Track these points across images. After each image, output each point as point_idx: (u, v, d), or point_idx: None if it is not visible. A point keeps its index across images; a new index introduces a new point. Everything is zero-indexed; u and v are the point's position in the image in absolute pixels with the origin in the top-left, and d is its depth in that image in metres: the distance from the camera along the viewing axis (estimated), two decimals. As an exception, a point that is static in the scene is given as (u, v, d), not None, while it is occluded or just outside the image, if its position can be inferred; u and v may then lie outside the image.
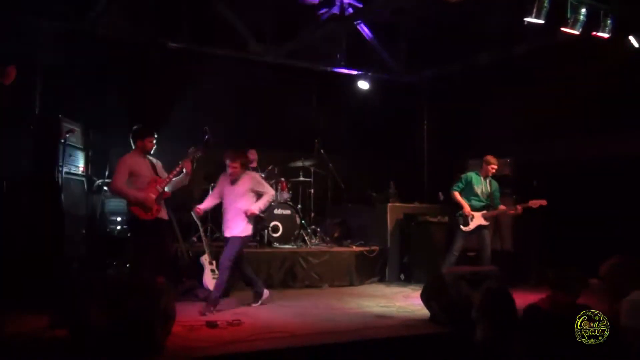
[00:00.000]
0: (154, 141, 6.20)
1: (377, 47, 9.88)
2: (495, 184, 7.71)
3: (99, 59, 8.19)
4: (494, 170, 7.60)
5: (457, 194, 7.64)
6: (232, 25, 8.67)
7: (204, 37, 8.67)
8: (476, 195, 7.61)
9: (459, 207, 7.59)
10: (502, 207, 7.57)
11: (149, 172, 6.17)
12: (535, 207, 7.37)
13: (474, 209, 7.55)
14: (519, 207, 7.40)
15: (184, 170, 6.25)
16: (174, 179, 6.20)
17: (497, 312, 4.02)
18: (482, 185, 7.63)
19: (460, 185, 7.67)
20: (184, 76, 9.18)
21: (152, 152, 6.25)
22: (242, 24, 8.77)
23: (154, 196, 6.02)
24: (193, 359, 4.33)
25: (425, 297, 5.96)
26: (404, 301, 7.10)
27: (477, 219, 7.52)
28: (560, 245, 8.24)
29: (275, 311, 6.24)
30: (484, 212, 7.53)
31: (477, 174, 7.68)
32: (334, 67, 9.87)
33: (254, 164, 9.41)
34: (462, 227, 7.52)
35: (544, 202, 7.38)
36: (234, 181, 6.46)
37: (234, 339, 4.86)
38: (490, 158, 7.61)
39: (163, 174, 6.33)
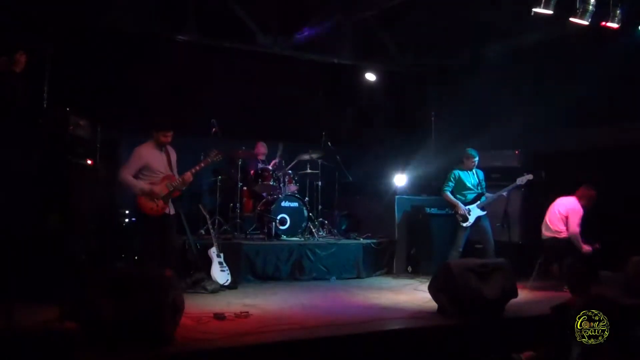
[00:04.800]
0: (169, 136, 6.19)
1: (385, 38, 9.84)
2: (481, 172, 7.86)
3: (107, 52, 8.20)
4: (474, 164, 7.74)
5: (448, 195, 7.73)
6: (239, 17, 8.66)
7: (211, 29, 8.66)
8: (468, 188, 7.70)
9: (453, 207, 7.68)
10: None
11: (163, 167, 6.15)
12: (524, 184, 7.55)
13: (469, 201, 7.63)
14: (503, 194, 7.66)
15: (185, 179, 6.22)
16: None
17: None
18: (471, 178, 7.75)
19: (451, 184, 7.76)
20: (192, 69, 9.18)
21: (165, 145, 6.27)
22: (249, 16, 8.75)
23: (163, 193, 6.02)
24: (201, 350, 4.35)
25: (433, 289, 5.95)
26: (412, 293, 7.11)
27: (475, 211, 7.60)
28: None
29: (283, 303, 6.25)
30: (478, 202, 7.62)
31: (460, 169, 7.79)
32: (341, 58, 9.84)
33: (262, 157, 9.43)
34: (462, 224, 7.57)
35: (530, 177, 7.54)
36: None
37: (242, 330, 4.87)
38: (470, 152, 7.75)
39: (176, 168, 6.32)
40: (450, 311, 5.60)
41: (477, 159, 7.75)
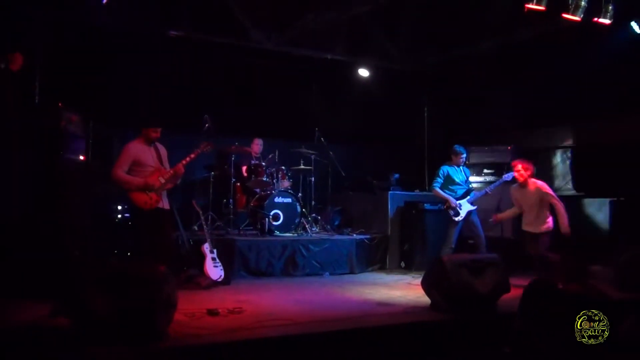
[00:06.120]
0: (158, 132, 6.21)
1: (379, 35, 9.82)
2: (467, 170, 7.95)
3: (100, 48, 8.16)
4: (462, 160, 7.79)
5: (438, 191, 7.76)
6: (232, 12, 8.62)
7: (205, 25, 8.62)
8: (457, 184, 7.75)
9: (444, 202, 7.71)
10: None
11: (153, 162, 6.17)
12: (510, 180, 7.54)
13: (459, 197, 7.67)
14: (491, 188, 7.67)
15: (176, 170, 6.23)
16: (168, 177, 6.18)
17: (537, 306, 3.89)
18: (459, 174, 7.81)
19: (440, 180, 7.79)
20: (185, 64, 9.14)
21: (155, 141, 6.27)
22: (242, 11, 8.71)
23: (156, 186, 6.03)
24: (194, 346, 4.35)
25: (426, 285, 5.97)
26: (405, 289, 7.13)
27: (465, 206, 7.64)
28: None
29: (276, 299, 6.26)
30: (468, 197, 7.67)
31: (449, 165, 7.82)
32: (335, 54, 9.82)
33: (256, 154, 9.40)
34: (454, 218, 7.60)
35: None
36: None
37: (235, 326, 4.87)
38: (458, 149, 7.78)
39: (166, 163, 6.32)
40: (443, 306, 5.62)
41: (465, 155, 7.80)
